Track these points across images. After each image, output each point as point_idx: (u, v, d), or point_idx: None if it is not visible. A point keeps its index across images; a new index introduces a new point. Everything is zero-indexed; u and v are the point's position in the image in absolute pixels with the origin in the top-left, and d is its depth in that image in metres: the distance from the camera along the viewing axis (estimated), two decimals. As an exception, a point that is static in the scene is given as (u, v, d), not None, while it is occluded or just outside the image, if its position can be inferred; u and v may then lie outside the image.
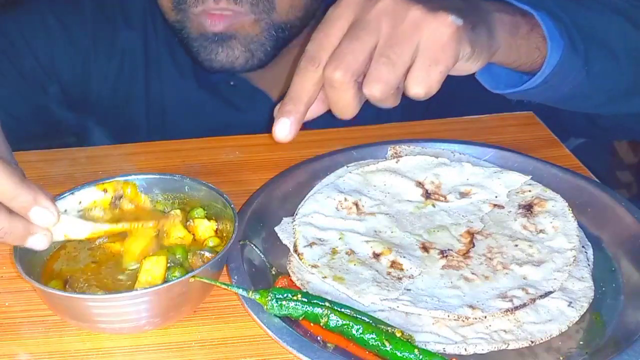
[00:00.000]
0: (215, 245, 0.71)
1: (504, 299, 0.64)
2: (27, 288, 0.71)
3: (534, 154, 0.87)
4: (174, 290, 0.62)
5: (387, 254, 0.70)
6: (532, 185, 0.80)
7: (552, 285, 0.66)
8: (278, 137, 0.67)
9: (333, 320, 0.61)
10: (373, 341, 0.59)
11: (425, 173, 0.82)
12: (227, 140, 0.98)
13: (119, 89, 1.15)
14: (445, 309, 0.63)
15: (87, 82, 1.13)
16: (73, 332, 0.66)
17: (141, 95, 1.15)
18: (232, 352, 0.63)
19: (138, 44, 1.14)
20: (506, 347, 0.60)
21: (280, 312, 0.62)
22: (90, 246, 0.72)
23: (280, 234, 0.74)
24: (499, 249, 0.71)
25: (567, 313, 0.64)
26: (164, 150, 0.98)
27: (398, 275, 0.67)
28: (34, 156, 0.95)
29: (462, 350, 0.60)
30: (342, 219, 0.75)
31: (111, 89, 1.14)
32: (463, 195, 0.79)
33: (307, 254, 0.69)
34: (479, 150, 0.87)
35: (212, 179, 0.77)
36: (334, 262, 0.69)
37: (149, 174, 0.77)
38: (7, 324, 0.67)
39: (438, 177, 0.81)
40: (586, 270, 0.70)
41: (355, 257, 0.70)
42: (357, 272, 0.67)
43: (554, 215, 0.75)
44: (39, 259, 0.69)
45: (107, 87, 1.14)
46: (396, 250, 0.70)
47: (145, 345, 0.64)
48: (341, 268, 0.68)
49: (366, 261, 0.69)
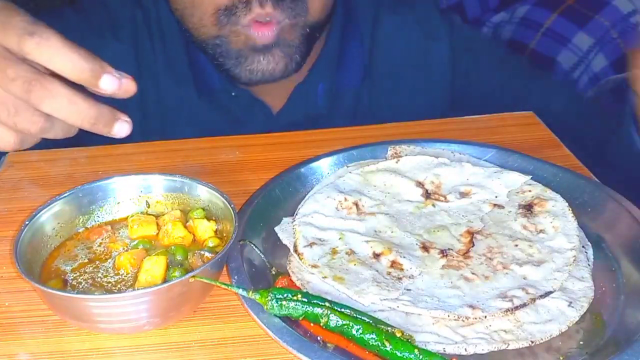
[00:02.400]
0: (215, 246, 0.71)
1: (504, 298, 0.64)
2: (27, 288, 0.70)
3: (534, 154, 0.87)
4: (174, 290, 0.62)
5: (387, 254, 0.70)
6: (532, 185, 0.80)
7: (552, 285, 0.66)
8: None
9: (333, 320, 0.61)
10: (373, 341, 0.59)
11: (425, 173, 0.82)
12: (227, 140, 0.98)
13: (109, 100, 1.14)
14: (445, 309, 0.63)
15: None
16: (73, 332, 0.66)
17: (135, 106, 1.14)
18: (232, 352, 0.63)
19: (129, 56, 1.13)
20: (506, 347, 0.60)
21: (280, 312, 0.62)
22: (89, 245, 0.73)
23: (280, 234, 0.74)
24: (499, 249, 0.71)
25: (567, 313, 0.64)
26: (164, 150, 0.98)
27: (398, 275, 0.67)
28: (34, 156, 0.95)
29: (462, 350, 0.60)
30: (342, 219, 0.75)
31: (102, 99, 1.13)
32: (463, 195, 0.79)
33: (307, 254, 0.69)
34: (479, 150, 0.87)
35: (212, 179, 0.77)
36: (334, 262, 0.69)
37: (149, 174, 0.77)
38: (7, 324, 0.67)
39: (438, 177, 0.81)
40: (586, 270, 0.70)
41: (355, 257, 0.70)
42: (357, 272, 0.67)
43: (554, 215, 0.75)
44: (39, 258, 0.69)
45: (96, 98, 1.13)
46: (396, 250, 0.70)
47: (145, 345, 0.64)
48: (341, 268, 0.68)
49: (366, 261, 0.69)
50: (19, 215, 0.81)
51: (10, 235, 0.78)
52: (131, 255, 0.70)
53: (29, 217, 0.70)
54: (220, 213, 0.73)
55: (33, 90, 0.62)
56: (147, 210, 0.77)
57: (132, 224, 0.74)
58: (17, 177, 0.91)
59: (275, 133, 0.99)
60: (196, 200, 0.76)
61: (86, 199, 0.75)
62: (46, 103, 0.63)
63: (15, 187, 0.89)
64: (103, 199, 0.76)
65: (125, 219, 0.76)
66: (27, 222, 0.69)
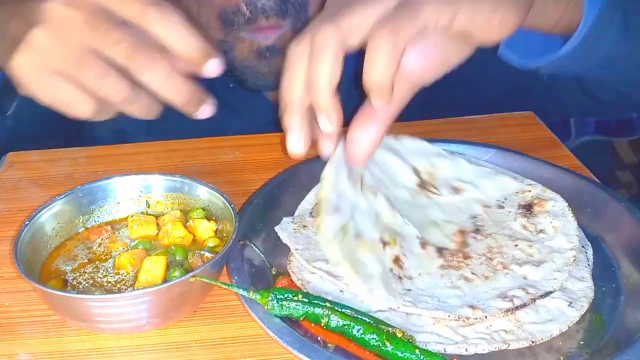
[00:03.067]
0: (215, 246, 0.71)
1: (504, 298, 0.64)
2: (27, 288, 0.70)
3: (534, 154, 0.87)
4: (174, 290, 0.62)
5: (393, 246, 0.69)
6: (532, 185, 0.80)
7: (552, 285, 0.66)
8: (292, 153, 0.67)
9: (334, 320, 0.61)
10: (374, 341, 0.59)
11: (422, 159, 0.81)
12: (227, 140, 0.98)
13: None
14: (445, 309, 0.63)
15: None
16: (73, 332, 0.65)
17: None
18: (232, 352, 0.63)
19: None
20: (507, 347, 0.60)
21: (281, 313, 0.62)
22: (89, 245, 0.73)
23: (281, 233, 0.74)
24: (499, 249, 0.71)
25: (568, 313, 0.64)
26: (164, 150, 0.98)
27: (399, 274, 0.67)
28: (34, 156, 0.95)
29: (462, 350, 0.60)
30: (352, 190, 0.72)
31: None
32: (455, 190, 0.79)
33: (329, 223, 0.67)
34: (479, 150, 0.87)
35: (212, 179, 0.77)
36: (344, 244, 0.67)
37: (149, 174, 0.77)
38: (7, 324, 0.67)
39: (435, 167, 0.81)
40: (586, 270, 0.70)
41: (363, 241, 0.68)
42: (365, 263, 0.66)
43: (554, 215, 0.75)
44: (39, 258, 0.69)
45: None
46: (400, 244, 0.70)
47: (145, 345, 0.64)
48: (350, 254, 0.66)
49: (374, 248, 0.68)
50: (19, 215, 0.81)
51: (10, 235, 0.77)
52: (131, 255, 0.70)
53: (29, 217, 0.70)
54: (220, 213, 0.73)
55: (137, 57, 0.62)
56: (147, 210, 0.77)
57: (132, 224, 0.74)
58: (17, 177, 0.91)
59: (275, 133, 0.99)
60: (196, 200, 0.76)
61: (86, 199, 0.75)
62: (147, 71, 0.63)
63: (15, 187, 0.89)
64: (103, 199, 0.76)
65: (125, 219, 0.76)
66: (27, 222, 0.69)
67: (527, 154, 0.86)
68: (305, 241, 0.72)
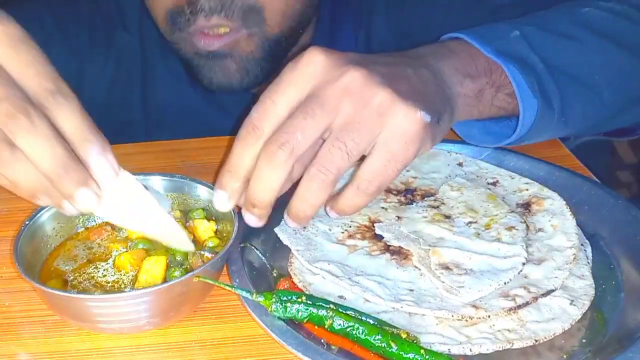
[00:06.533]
0: (215, 246, 0.71)
1: (506, 297, 0.64)
2: (27, 288, 0.70)
3: (534, 154, 0.87)
4: (174, 290, 0.62)
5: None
6: (529, 183, 0.80)
7: (553, 283, 0.66)
8: (217, 208, 0.68)
9: (338, 322, 0.61)
10: (379, 343, 0.59)
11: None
12: (227, 140, 0.98)
13: (115, 91, 1.13)
14: (448, 308, 0.63)
15: (80, 82, 1.10)
16: (73, 332, 0.65)
17: (138, 99, 1.14)
18: (232, 352, 0.63)
19: (135, 46, 1.12)
20: (511, 347, 0.60)
21: (285, 315, 0.62)
22: (89, 245, 0.72)
23: (281, 234, 0.73)
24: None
25: (570, 311, 0.64)
26: (164, 150, 0.98)
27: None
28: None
29: (467, 350, 0.60)
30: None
31: (106, 90, 1.12)
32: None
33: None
34: (475, 150, 0.87)
35: (212, 179, 0.77)
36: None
37: (149, 174, 0.77)
38: (7, 324, 0.67)
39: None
40: (586, 268, 0.70)
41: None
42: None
43: (552, 213, 0.75)
44: (39, 258, 0.69)
45: (101, 89, 1.12)
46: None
47: (145, 345, 0.64)
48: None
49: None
50: (19, 215, 0.80)
51: (10, 235, 0.77)
52: (131, 255, 0.69)
53: (29, 217, 0.70)
54: (220, 213, 0.73)
55: (17, 118, 0.55)
56: None
57: (132, 224, 0.74)
58: (16, 177, 0.91)
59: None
60: (196, 200, 0.76)
61: (86, 198, 0.75)
62: (22, 135, 0.55)
63: (15, 188, 0.89)
64: (103, 199, 0.76)
65: (125, 219, 0.76)
66: (27, 222, 0.69)
67: (522, 153, 0.86)
68: (305, 242, 0.72)
